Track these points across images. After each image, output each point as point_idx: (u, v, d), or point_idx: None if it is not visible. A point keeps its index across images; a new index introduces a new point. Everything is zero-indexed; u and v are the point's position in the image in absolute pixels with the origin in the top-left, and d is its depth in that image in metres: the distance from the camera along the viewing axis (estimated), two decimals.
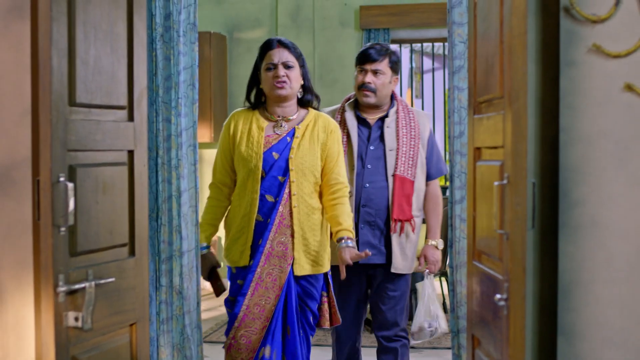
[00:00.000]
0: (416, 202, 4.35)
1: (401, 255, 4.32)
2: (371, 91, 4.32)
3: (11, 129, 2.81)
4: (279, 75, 3.81)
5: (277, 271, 3.79)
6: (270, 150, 3.83)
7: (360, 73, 4.38)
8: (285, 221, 3.80)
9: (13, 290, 2.81)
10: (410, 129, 4.34)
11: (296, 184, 3.82)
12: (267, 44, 3.94)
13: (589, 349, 2.72)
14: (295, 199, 3.81)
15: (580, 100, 2.73)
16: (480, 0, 2.84)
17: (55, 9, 2.52)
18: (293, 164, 3.82)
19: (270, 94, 3.86)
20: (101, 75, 2.77)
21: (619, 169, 2.70)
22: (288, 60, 3.87)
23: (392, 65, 4.37)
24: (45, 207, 2.51)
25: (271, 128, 3.89)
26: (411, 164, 4.30)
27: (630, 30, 2.68)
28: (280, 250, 3.80)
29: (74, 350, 2.62)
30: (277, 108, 3.90)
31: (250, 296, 3.76)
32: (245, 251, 3.80)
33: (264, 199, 3.81)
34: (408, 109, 4.41)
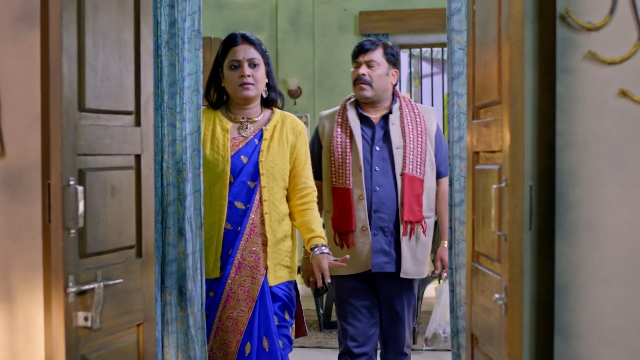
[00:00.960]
0: (427, 202, 4.14)
1: (412, 259, 4.09)
2: (366, 83, 4.10)
3: (21, 134, 2.88)
4: (244, 75, 3.53)
5: (249, 282, 3.54)
6: (237, 153, 3.57)
7: (355, 67, 4.17)
8: (256, 229, 3.56)
9: (23, 291, 2.87)
10: (416, 125, 4.11)
11: (267, 189, 3.57)
12: (230, 39, 3.62)
13: (585, 348, 2.75)
14: (267, 205, 3.56)
15: (576, 105, 2.76)
16: (479, 9, 2.87)
17: (65, 17, 2.57)
18: (264, 167, 3.57)
19: (234, 95, 3.59)
20: (109, 81, 2.83)
21: (613, 173, 2.74)
22: (254, 57, 3.58)
23: (388, 56, 4.15)
24: (56, 210, 2.55)
25: (236, 130, 3.62)
26: (420, 162, 4.07)
27: (624, 38, 2.72)
28: (251, 260, 3.55)
29: (83, 350, 2.66)
30: (240, 109, 3.63)
31: (222, 309, 3.53)
32: (216, 262, 3.55)
33: (232, 205, 3.56)
34: (412, 105, 4.19)
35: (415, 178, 4.04)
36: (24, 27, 2.88)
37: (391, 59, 4.13)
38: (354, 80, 4.12)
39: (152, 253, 3.03)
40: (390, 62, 4.13)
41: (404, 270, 4.06)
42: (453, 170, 3.21)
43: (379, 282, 4.14)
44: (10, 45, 2.88)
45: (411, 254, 4.07)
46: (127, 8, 2.93)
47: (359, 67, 4.11)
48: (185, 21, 3.24)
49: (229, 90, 3.59)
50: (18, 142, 2.89)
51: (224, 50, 3.58)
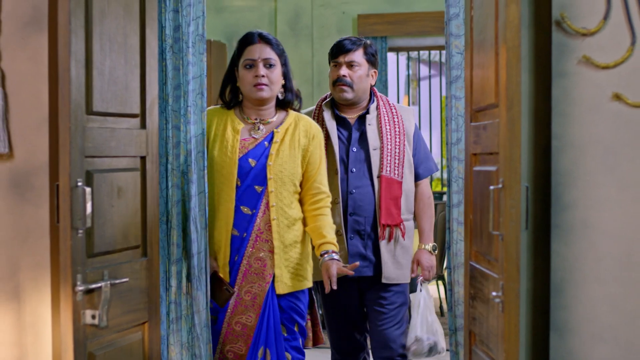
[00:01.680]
0: (405, 205, 3.95)
1: (393, 263, 3.91)
2: (347, 85, 3.89)
3: (30, 136, 2.93)
4: (258, 75, 3.39)
5: (255, 289, 3.41)
6: (246, 156, 3.41)
7: (335, 67, 3.95)
8: (263, 235, 3.40)
9: (31, 290, 2.92)
10: (394, 125, 3.93)
11: (275, 194, 3.40)
12: (247, 37, 3.47)
13: (580, 344, 2.79)
14: (274, 211, 3.40)
15: (571, 108, 2.81)
16: (476, 14, 2.90)
17: (74, 23, 2.61)
18: (272, 172, 3.40)
19: (248, 95, 3.44)
20: (116, 85, 2.87)
21: (608, 174, 2.78)
22: (270, 57, 3.43)
23: (368, 57, 3.95)
24: (65, 211, 2.58)
25: (247, 131, 3.46)
26: (397, 163, 3.89)
27: (618, 43, 2.77)
28: (257, 267, 3.41)
29: (90, 347, 2.70)
30: (254, 110, 3.47)
31: (230, 314, 3.41)
32: (224, 267, 3.42)
33: (239, 210, 3.40)
34: (390, 104, 4.00)
35: (393, 180, 3.88)
36: (33, 32, 2.93)
37: (371, 59, 3.96)
38: (334, 81, 3.93)
39: (156, 253, 3.07)
40: (370, 63, 3.95)
41: (386, 275, 3.89)
42: (451, 171, 3.23)
43: (363, 287, 3.97)
44: (19, 49, 2.93)
45: (391, 258, 3.90)
46: (133, 13, 2.98)
47: (339, 67, 3.92)
48: (189, 26, 3.29)
49: (243, 90, 3.46)
50: (26, 144, 2.94)
51: (240, 49, 3.45)
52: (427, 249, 3.98)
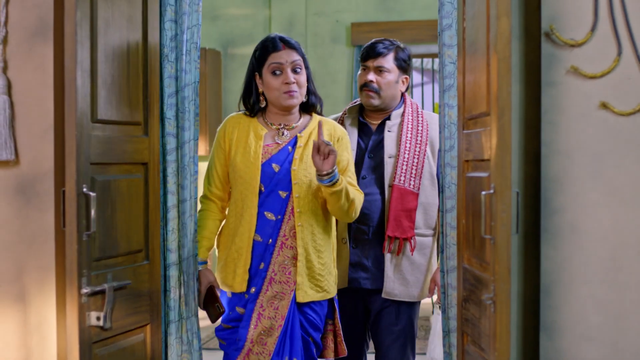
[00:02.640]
0: (424, 219, 3.67)
1: (398, 279, 3.64)
2: (374, 91, 3.70)
3: (35, 144, 2.99)
4: (289, 82, 3.27)
5: (279, 298, 3.27)
6: (269, 161, 3.29)
7: (363, 71, 3.76)
8: (288, 242, 3.28)
9: (36, 293, 2.98)
10: (416, 134, 3.68)
11: (300, 199, 3.28)
12: (271, 44, 3.33)
13: (568, 344, 2.85)
14: (299, 217, 3.27)
15: (560, 117, 2.87)
16: (469, 26, 2.93)
17: (80, 33, 2.67)
18: (296, 177, 3.28)
19: (276, 102, 3.31)
20: (119, 94, 2.93)
21: (595, 180, 2.85)
22: (296, 61, 3.31)
23: (399, 62, 3.73)
24: (71, 216, 2.64)
25: (271, 137, 3.34)
26: (415, 174, 3.63)
27: (604, 54, 2.84)
28: (282, 274, 3.28)
29: (95, 348, 2.75)
30: (279, 116, 3.36)
31: (254, 328, 3.26)
32: (243, 275, 3.29)
33: (263, 216, 3.29)
34: (418, 112, 3.75)
35: (407, 191, 3.62)
36: (38, 42, 2.98)
37: (402, 65, 3.74)
38: (361, 86, 3.75)
39: (158, 257, 3.13)
40: (401, 68, 3.74)
41: (387, 290, 3.64)
42: (444, 177, 3.20)
43: (368, 300, 3.74)
44: (25, 59, 2.99)
45: (397, 273, 3.64)
46: (136, 24, 3.04)
47: (367, 72, 3.73)
48: (184, 34, 3.31)
49: (270, 97, 3.32)
50: (31, 151, 2.99)
51: (264, 56, 3.32)
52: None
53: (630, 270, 2.83)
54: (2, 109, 2.96)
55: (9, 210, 3.00)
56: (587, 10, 2.85)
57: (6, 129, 2.96)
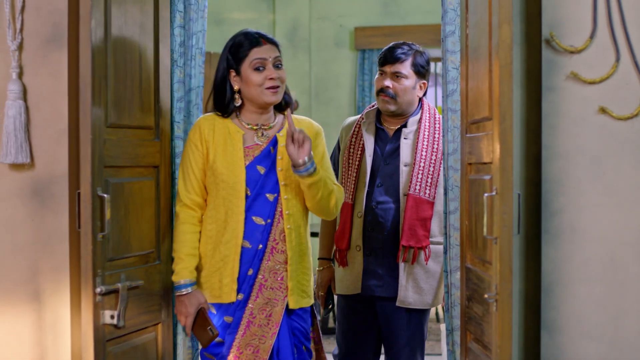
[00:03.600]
0: (439, 227, 3.60)
1: (413, 287, 3.58)
2: (390, 97, 3.62)
3: (50, 147, 3.05)
4: (273, 78, 3.09)
5: (271, 305, 3.09)
6: (253, 163, 3.11)
7: (380, 76, 3.67)
8: (278, 246, 3.11)
9: (51, 292, 3.04)
10: (432, 142, 3.59)
11: (289, 201, 3.12)
12: (252, 39, 3.15)
13: (569, 342, 2.90)
14: (288, 219, 3.11)
15: (560, 121, 2.92)
16: (471, 33, 2.98)
17: (94, 40, 2.73)
18: (283, 177, 3.11)
19: (257, 99, 3.11)
20: (132, 99, 3.00)
21: (594, 182, 2.90)
22: (278, 59, 3.16)
23: (417, 68, 3.64)
24: (86, 217, 2.70)
25: (250, 138, 3.15)
26: (430, 182, 3.55)
27: (603, 60, 2.89)
28: (274, 280, 3.10)
29: (108, 345, 2.81)
30: (256, 115, 3.17)
31: (241, 336, 3.06)
32: (231, 285, 3.07)
33: (251, 221, 3.09)
34: (435, 118, 3.66)
35: (423, 200, 3.54)
36: (53, 49, 3.04)
37: (420, 71, 3.65)
38: (378, 91, 3.67)
39: (169, 257, 3.19)
40: (418, 74, 3.65)
41: (401, 298, 3.58)
42: (448, 180, 3.22)
43: (379, 306, 3.67)
44: (40, 65, 3.05)
45: (412, 281, 3.58)
46: (148, 31, 3.12)
47: (384, 77, 3.65)
48: (190, 39, 3.37)
49: (249, 94, 3.12)
50: (46, 155, 3.05)
51: (243, 52, 3.12)
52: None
53: (628, 269, 2.88)
54: (18, 114, 3.02)
55: (25, 212, 3.06)
56: (586, 18, 2.90)
57: (22, 133, 3.02)
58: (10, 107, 3.02)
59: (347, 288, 3.70)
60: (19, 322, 3.06)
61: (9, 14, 3.04)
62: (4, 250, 3.07)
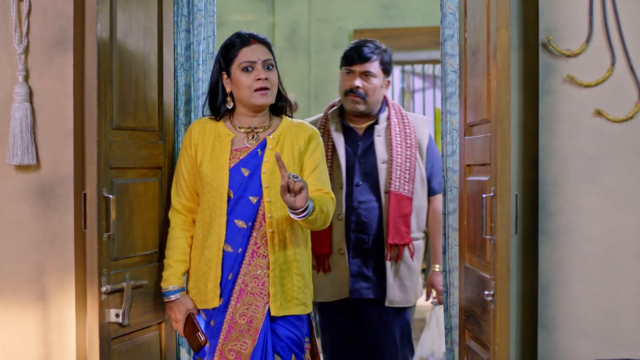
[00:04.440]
0: (416, 222, 3.58)
1: (399, 286, 3.54)
2: (361, 97, 3.54)
3: (56, 149, 3.08)
4: (261, 78, 2.98)
5: (252, 311, 2.96)
6: (238, 165, 3.00)
7: (348, 76, 3.56)
8: (260, 250, 2.97)
9: (56, 292, 3.06)
10: (405, 137, 3.55)
11: (272, 204, 2.96)
12: (241, 39, 3.07)
13: (565, 340, 2.94)
14: (271, 223, 2.96)
15: (557, 123, 2.96)
16: (470, 37, 3.01)
17: (100, 44, 2.77)
18: (267, 180, 2.98)
19: (247, 101, 3.01)
20: (137, 101, 3.03)
21: (590, 183, 2.94)
22: (269, 58, 3.04)
23: (384, 66, 3.58)
24: (92, 218, 2.74)
25: (240, 140, 3.05)
26: (408, 178, 3.51)
27: (599, 64, 2.93)
28: (255, 286, 2.97)
29: (113, 343, 2.84)
30: (248, 118, 3.06)
31: (223, 340, 2.96)
32: (215, 290, 2.98)
33: (233, 224, 2.98)
34: (402, 114, 3.62)
35: (403, 196, 3.51)
36: (59, 52, 3.07)
37: (387, 69, 3.60)
38: (346, 91, 3.55)
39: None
40: (385, 72, 3.59)
41: (390, 298, 3.53)
42: (447, 181, 3.27)
43: (363, 310, 3.61)
44: (46, 68, 3.08)
45: (398, 280, 3.54)
46: (152, 34, 3.15)
47: (353, 77, 3.54)
48: (200, 44, 3.40)
49: (240, 97, 3.03)
50: (52, 156, 3.08)
51: (232, 52, 3.04)
52: (439, 270, 3.62)
53: (623, 269, 2.92)
54: (24, 116, 3.05)
55: (30, 213, 3.09)
56: (582, 22, 2.94)
57: (28, 134, 3.05)
58: (17, 109, 3.05)
59: (332, 295, 3.59)
60: (25, 321, 3.08)
61: (16, 17, 3.07)
62: (10, 250, 3.10)
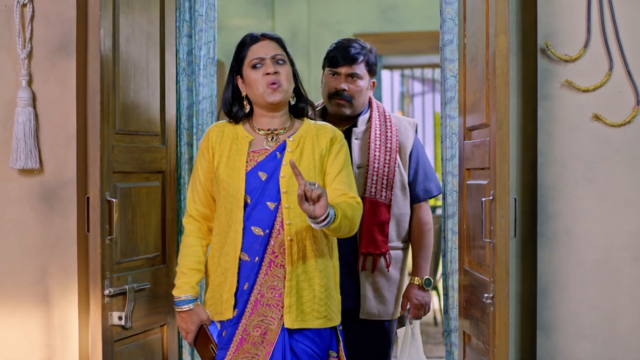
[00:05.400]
0: (396, 231, 3.34)
1: (375, 297, 3.29)
2: (346, 100, 3.31)
3: (59, 153, 3.10)
4: (270, 72, 2.84)
5: (266, 323, 2.80)
6: (255, 169, 2.84)
7: (332, 78, 3.34)
8: (278, 260, 2.80)
9: (59, 294, 3.09)
10: (385, 141, 3.30)
11: (290, 210, 2.80)
12: (249, 37, 2.95)
13: (564, 341, 2.97)
14: (289, 230, 2.79)
15: (555, 128, 2.98)
16: (469, 42, 3.04)
17: (103, 49, 2.80)
18: (285, 185, 2.81)
19: (260, 99, 2.86)
20: (139, 106, 3.06)
21: (588, 187, 2.97)
22: (278, 53, 2.90)
23: (370, 67, 3.36)
24: (95, 221, 2.77)
25: (259, 142, 2.90)
26: (385, 184, 3.27)
27: (597, 69, 2.96)
28: (271, 297, 2.80)
29: (116, 346, 2.87)
30: (266, 119, 2.91)
31: (233, 353, 2.80)
32: (230, 300, 2.82)
33: (249, 232, 2.81)
34: (386, 116, 3.36)
35: (379, 202, 3.27)
36: (61, 58, 3.10)
37: (373, 69, 3.38)
38: (330, 94, 3.33)
39: (174, 260, 3.22)
40: (371, 73, 3.37)
41: (365, 310, 3.28)
42: (446, 185, 3.30)
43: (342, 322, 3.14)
44: (49, 73, 3.10)
45: (374, 291, 3.30)
46: (154, 40, 3.18)
47: (339, 79, 3.32)
48: (201, 50, 3.43)
49: (253, 96, 2.89)
50: (55, 160, 3.10)
51: (242, 52, 2.93)
52: (418, 284, 3.35)
53: (620, 272, 2.95)
54: (28, 120, 3.08)
55: (34, 216, 3.11)
56: (580, 28, 2.97)
57: (31, 139, 3.07)
58: (20, 113, 3.08)
59: None
60: (28, 324, 3.10)
61: (19, 22, 3.10)
62: (14, 253, 3.12)
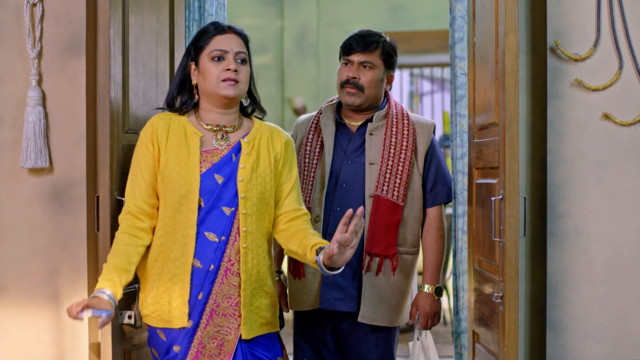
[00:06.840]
0: (406, 234, 3.19)
1: (377, 301, 3.13)
2: (357, 89, 3.17)
3: (68, 152, 3.12)
4: (230, 69, 2.68)
5: (223, 334, 2.67)
6: (210, 171, 2.68)
7: (345, 67, 3.22)
8: (233, 267, 2.67)
9: (69, 293, 3.10)
10: (402, 139, 3.18)
11: (247, 216, 2.67)
12: (215, 27, 2.76)
13: (573, 341, 2.97)
14: (245, 237, 2.67)
15: (565, 127, 2.98)
16: (479, 41, 3.04)
17: (113, 49, 2.81)
18: (243, 189, 2.68)
19: (213, 92, 2.69)
20: (148, 105, 3.06)
21: (597, 186, 2.97)
22: (242, 51, 2.73)
23: (385, 57, 3.23)
24: (104, 221, 2.76)
25: (209, 141, 2.73)
26: (399, 184, 3.14)
27: (606, 68, 2.96)
28: (227, 306, 2.67)
29: (125, 345, 2.88)
30: (215, 115, 2.75)
31: None
32: (182, 308, 2.64)
33: (203, 237, 2.66)
34: (403, 114, 3.25)
35: (391, 202, 3.13)
36: (71, 57, 3.12)
37: (390, 60, 3.25)
38: (342, 83, 3.21)
39: None
40: (387, 65, 3.25)
41: (364, 313, 3.12)
42: (456, 184, 3.29)
43: (340, 323, 3.21)
44: (59, 73, 3.12)
45: (376, 295, 3.14)
46: (163, 40, 3.18)
47: (351, 67, 3.20)
48: None
49: (205, 88, 2.72)
50: (65, 159, 3.12)
51: (203, 39, 2.74)
52: (428, 292, 3.20)
53: (630, 271, 2.95)
54: (38, 120, 3.09)
55: (44, 216, 3.12)
56: (590, 27, 2.97)
57: (41, 138, 3.09)
58: (30, 113, 3.09)
59: (304, 303, 3.22)
60: (39, 323, 3.12)
61: (29, 22, 3.11)
62: (24, 252, 3.13)
